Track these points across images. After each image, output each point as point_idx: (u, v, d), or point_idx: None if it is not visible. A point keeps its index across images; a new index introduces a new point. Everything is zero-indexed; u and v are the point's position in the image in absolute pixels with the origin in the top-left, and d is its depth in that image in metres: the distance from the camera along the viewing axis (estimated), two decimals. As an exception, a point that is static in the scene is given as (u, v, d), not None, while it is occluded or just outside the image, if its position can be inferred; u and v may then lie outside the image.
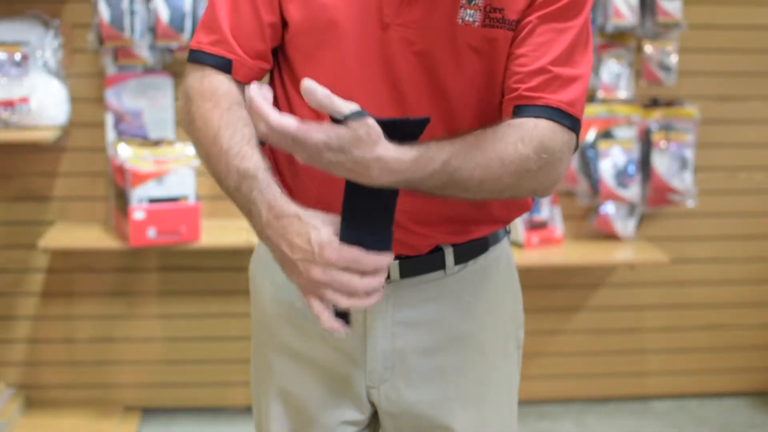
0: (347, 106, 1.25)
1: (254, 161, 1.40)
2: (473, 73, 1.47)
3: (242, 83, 1.49)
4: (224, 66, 1.50)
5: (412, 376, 1.58)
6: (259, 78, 1.53)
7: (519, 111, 1.44)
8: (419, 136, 1.32)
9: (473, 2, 1.44)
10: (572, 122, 1.45)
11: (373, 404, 1.61)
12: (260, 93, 1.29)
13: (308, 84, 1.24)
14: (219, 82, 1.48)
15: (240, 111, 1.45)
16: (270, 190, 1.37)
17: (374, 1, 1.44)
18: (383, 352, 1.56)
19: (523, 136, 1.40)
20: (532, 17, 1.45)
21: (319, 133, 1.24)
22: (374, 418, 1.65)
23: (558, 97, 1.44)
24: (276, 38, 1.52)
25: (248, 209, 1.39)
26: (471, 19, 1.44)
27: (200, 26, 1.54)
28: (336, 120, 1.25)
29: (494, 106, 1.51)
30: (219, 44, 1.50)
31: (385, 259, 1.31)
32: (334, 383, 1.59)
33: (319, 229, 1.31)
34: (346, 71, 1.45)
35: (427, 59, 1.46)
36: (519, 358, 1.68)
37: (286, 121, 1.25)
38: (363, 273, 1.30)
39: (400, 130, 1.30)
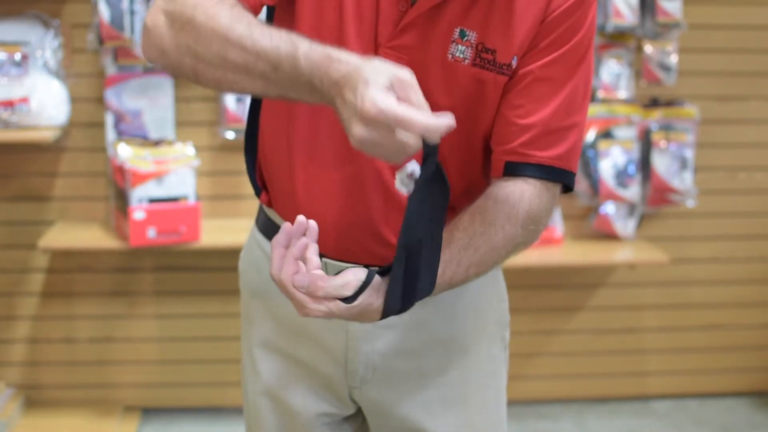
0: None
1: (284, 34, 1.24)
2: (457, 110, 1.42)
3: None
4: None
5: (394, 378, 1.57)
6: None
7: (509, 169, 1.45)
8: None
9: (465, 38, 1.41)
10: (563, 176, 1.47)
11: (356, 402, 1.61)
12: None
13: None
14: None
15: (244, 8, 1.32)
16: (320, 47, 1.22)
17: (371, 20, 1.42)
18: (365, 354, 1.56)
19: (510, 215, 1.43)
20: (533, 67, 1.42)
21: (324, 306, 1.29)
22: (360, 411, 1.64)
23: (550, 153, 1.44)
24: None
25: (298, 84, 1.23)
26: (461, 56, 1.42)
27: None
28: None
29: (478, 147, 1.50)
30: None
31: (437, 122, 1.16)
32: (317, 380, 1.59)
33: (368, 81, 1.15)
34: None
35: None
36: (506, 359, 1.68)
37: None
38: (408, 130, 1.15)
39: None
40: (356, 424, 1.65)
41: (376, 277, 1.31)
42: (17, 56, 3.04)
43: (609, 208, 3.42)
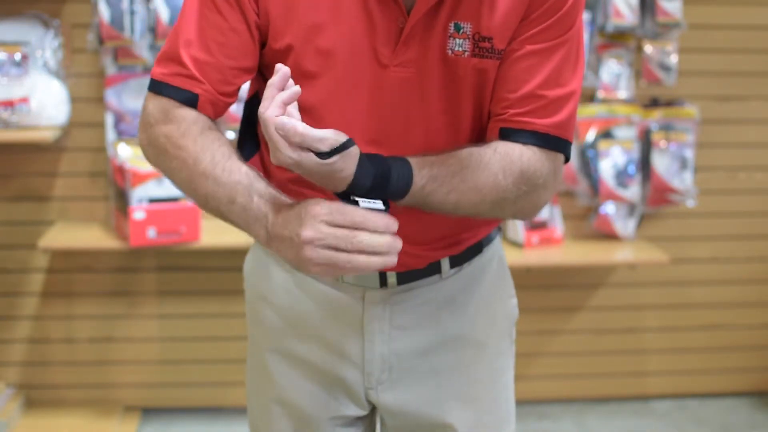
0: (328, 141, 1.26)
1: (244, 171, 1.39)
2: (465, 105, 1.46)
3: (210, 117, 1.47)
4: (190, 101, 1.44)
5: (410, 377, 1.59)
6: (222, 112, 1.49)
7: (506, 134, 1.44)
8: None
9: (462, 31, 1.42)
10: (560, 145, 1.46)
11: (371, 402, 1.62)
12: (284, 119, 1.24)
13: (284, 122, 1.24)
14: (186, 113, 1.44)
15: (213, 134, 1.43)
16: (270, 192, 1.37)
17: (367, 42, 1.42)
18: (381, 355, 1.57)
19: (505, 167, 1.41)
20: (522, 39, 1.43)
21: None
22: (373, 412, 1.66)
23: (546, 122, 1.44)
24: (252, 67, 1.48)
25: (249, 219, 1.37)
26: (460, 49, 1.43)
27: (165, 54, 1.46)
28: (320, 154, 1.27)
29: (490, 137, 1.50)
30: (183, 77, 1.44)
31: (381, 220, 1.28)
32: (332, 384, 1.60)
33: (312, 203, 1.29)
34: (338, 105, 1.44)
35: (421, 94, 1.44)
36: (513, 354, 1.70)
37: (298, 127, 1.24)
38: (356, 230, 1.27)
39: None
40: (367, 422, 1.67)
41: (355, 147, 1.29)
42: (17, 56, 3.04)
43: (609, 208, 3.42)
